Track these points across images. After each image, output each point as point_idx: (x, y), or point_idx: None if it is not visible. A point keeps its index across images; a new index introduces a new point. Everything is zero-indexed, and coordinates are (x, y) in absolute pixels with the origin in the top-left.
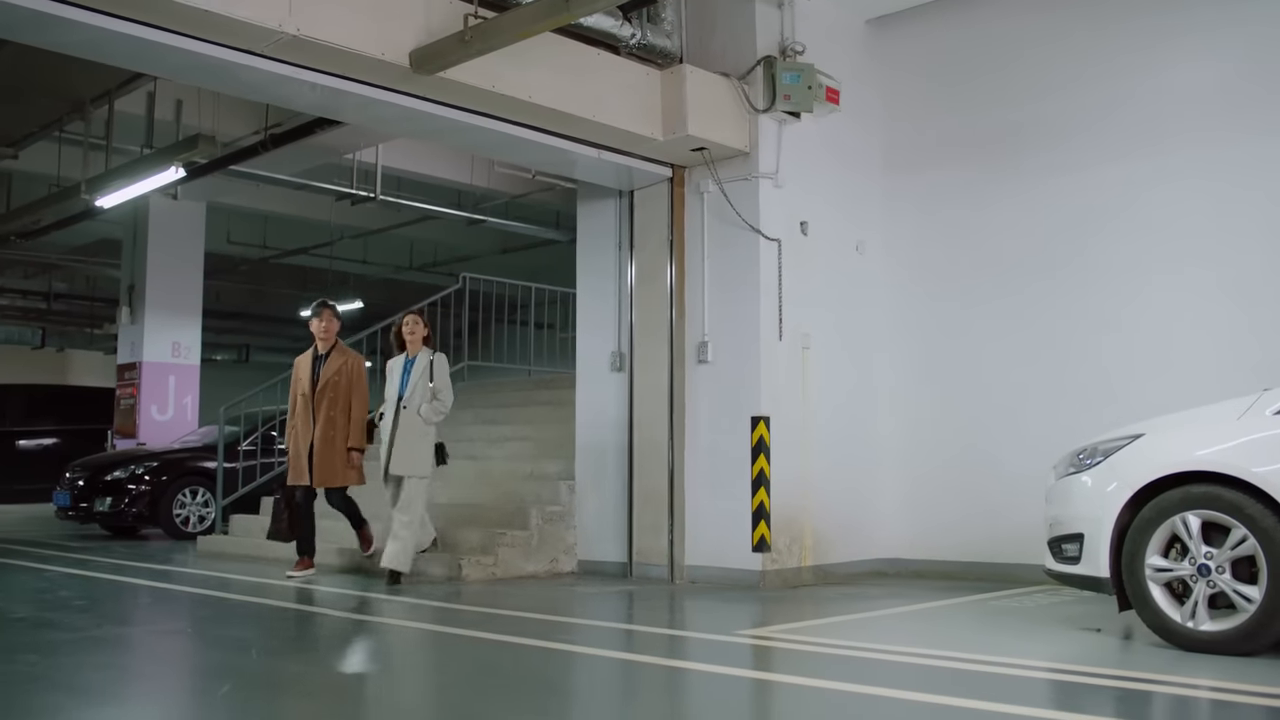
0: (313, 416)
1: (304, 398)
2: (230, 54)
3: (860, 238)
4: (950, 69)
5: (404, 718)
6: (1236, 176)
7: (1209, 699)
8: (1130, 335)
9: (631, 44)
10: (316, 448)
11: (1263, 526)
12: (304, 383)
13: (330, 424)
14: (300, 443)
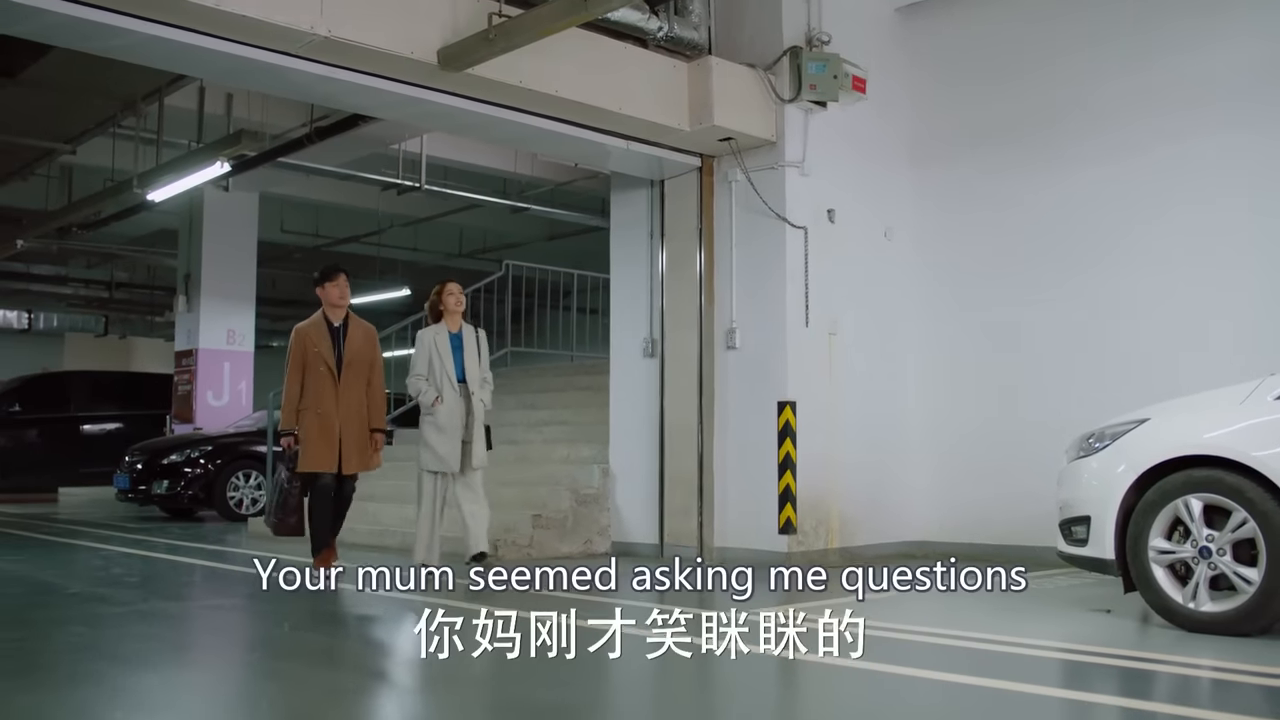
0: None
1: (328, 373)
2: (266, 55)
3: (889, 224)
4: (979, 58)
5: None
6: (1268, 163)
7: (1210, 678)
8: (1159, 320)
9: (659, 37)
10: (347, 429)
11: (1262, 510)
12: (326, 356)
13: (360, 403)
14: (328, 423)
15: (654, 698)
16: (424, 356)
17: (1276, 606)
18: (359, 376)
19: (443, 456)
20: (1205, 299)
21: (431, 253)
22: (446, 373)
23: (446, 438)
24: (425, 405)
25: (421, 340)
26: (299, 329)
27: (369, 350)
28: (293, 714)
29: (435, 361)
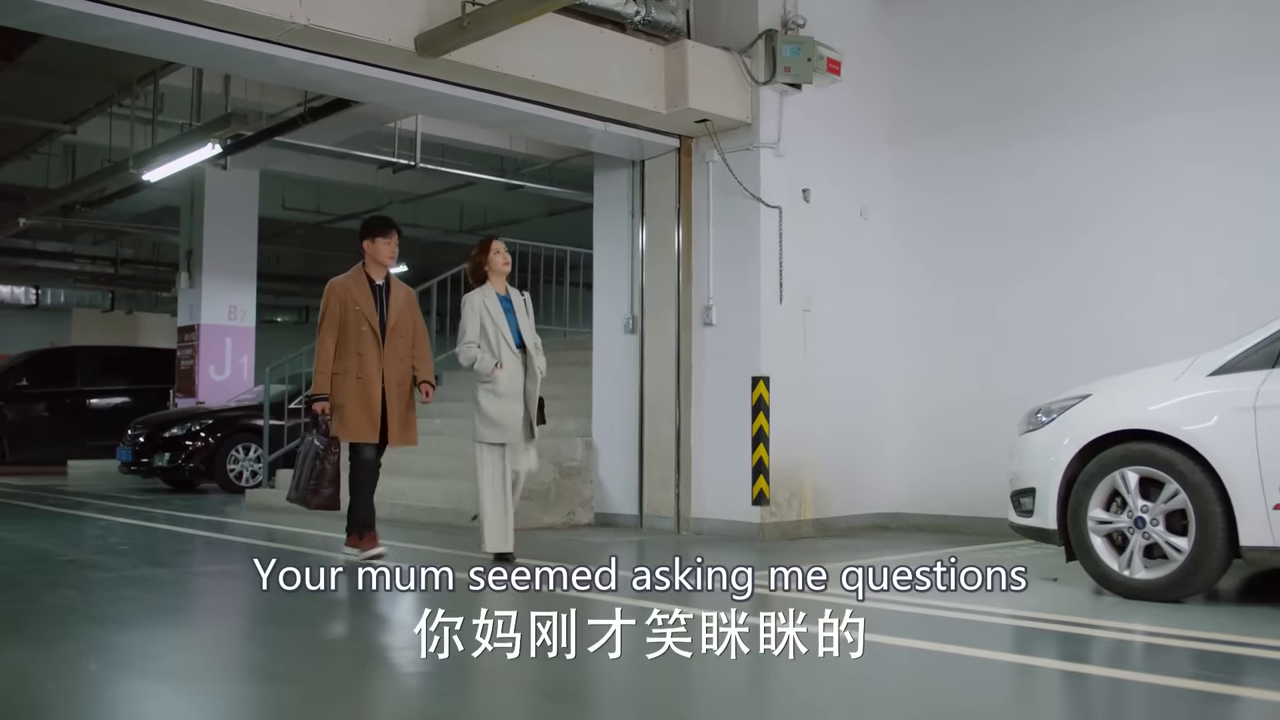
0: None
1: (370, 334)
2: (249, 43)
3: (865, 203)
4: (957, 40)
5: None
6: (1239, 138)
7: (1142, 642)
8: (1128, 297)
9: (636, 21)
10: (391, 398)
11: (1192, 482)
12: (368, 314)
13: (405, 371)
14: (370, 389)
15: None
16: (475, 321)
17: (1204, 574)
18: (403, 341)
19: (504, 426)
20: (1181, 274)
21: (432, 229)
22: (504, 336)
23: (507, 405)
24: (484, 373)
25: (470, 304)
26: (336, 283)
27: (411, 314)
28: (256, 669)
29: (488, 325)
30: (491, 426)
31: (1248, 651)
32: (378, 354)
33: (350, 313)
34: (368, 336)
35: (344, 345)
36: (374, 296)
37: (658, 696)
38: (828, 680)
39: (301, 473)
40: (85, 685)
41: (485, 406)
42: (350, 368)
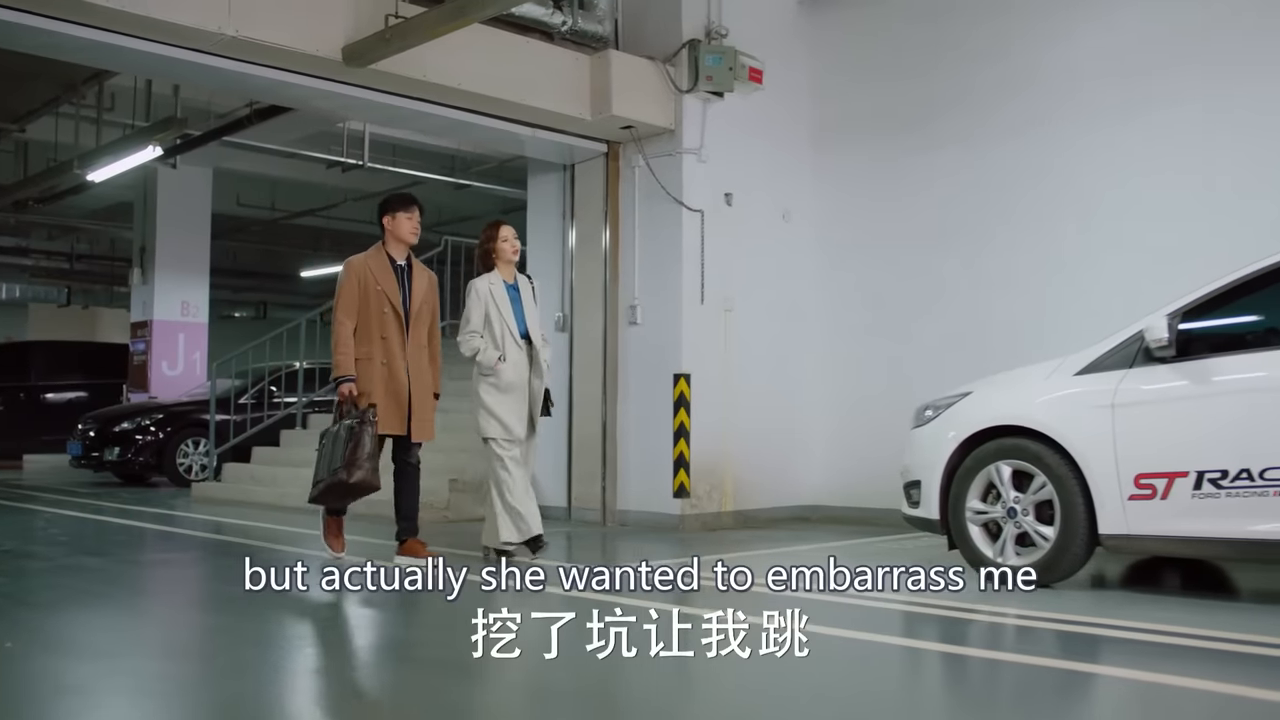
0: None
1: (394, 317)
2: (181, 52)
3: (788, 206)
4: (879, 47)
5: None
6: (1141, 143)
7: (1014, 625)
8: (1039, 292)
9: (563, 30)
10: (416, 387)
11: (1058, 474)
12: (392, 296)
13: (426, 361)
14: (397, 378)
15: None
16: (480, 309)
17: (1068, 560)
18: (425, 328)
19: (508, 422)
20: (1086, 271)
21: None
22: (508, 327)
23: (512, 400)
24: (487, 365)
25: (475, 291)
26: (355, 261)
27: (433, 299)
28: (163, 646)
29: (493, 315)
30: (496, 422)
31: (1106, 632)
32: (401, 339)
33: (372, 293)
34: (391, 320)
35: (365, 329)
36: (397, 277)
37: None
38: (739, 668)
39: (331, 457)
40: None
41: (487, 401)
42: (374, 353)
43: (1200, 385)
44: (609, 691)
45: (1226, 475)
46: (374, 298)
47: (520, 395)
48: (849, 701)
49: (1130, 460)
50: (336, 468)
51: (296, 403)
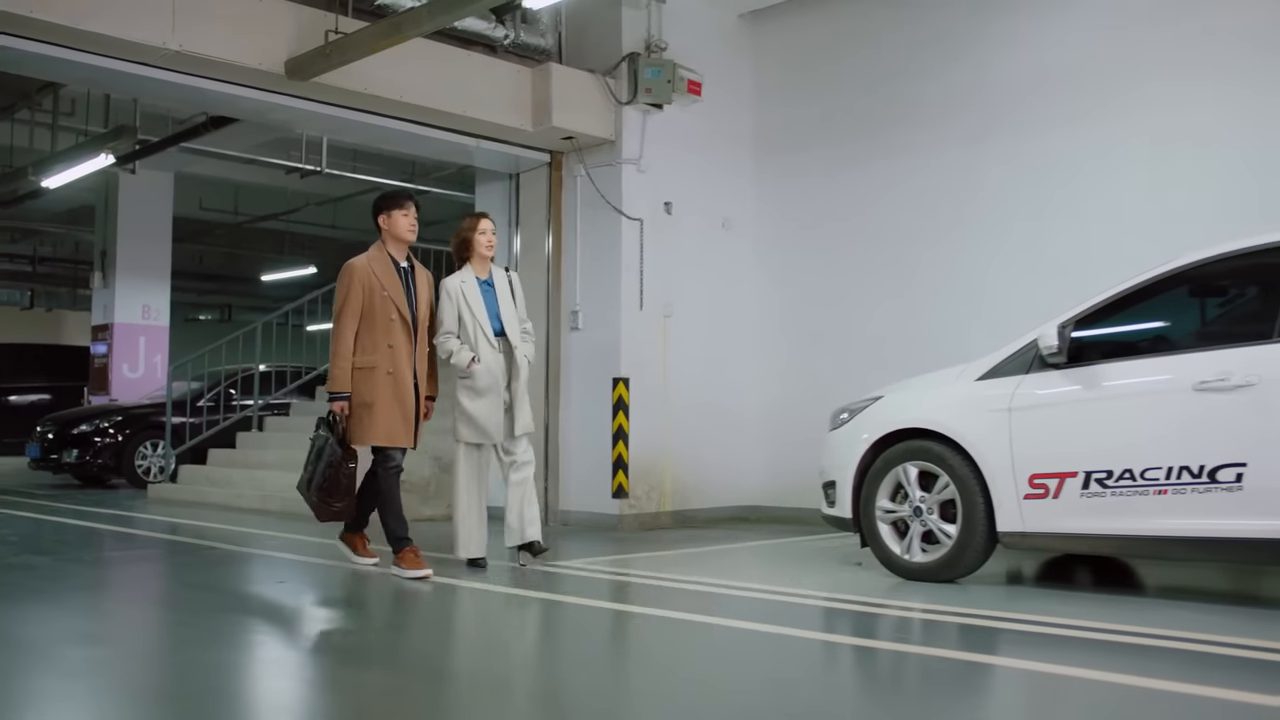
0: (413, 351)
1: (401, 323)
2: (128, 66)
3: (727, 215)
4: (816, 58)
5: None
6: (1074, 155)
7: (920, 618)
8: (969, 300)
9: (506, 44)
10: (421, 398)
11: (960, 475)
12: (398, 301)
13: (426, 367)
14: (404, 388)
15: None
16: (452, 309)
17: (969, 557)
18: (430, 333)
19: (483, 426)
20: (1012, 274)
21: (349, 229)
22: (481, 326)
23: (487, 403)
24: (460, 367)
25: (447, 290)
26: (356, 264)
27: (433, 301)
28: (86, 636)
29: (465, 314)
30: (470, 426)
31: (1006, 625)
32: (409, 347)
33: (377, 298)
34: (398, 327)
35: (370, 336)
36: (402, 280)
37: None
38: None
39: (314, 469)
40: None
41: (464, 404)
42: (379, 362)
43: (1088, 390)
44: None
45: (1111, 475)
46: (379, 303)
47: (496, 397)
48: (758, 690)
49: (1025, 461)
50: (314, 497)
51: (252, 406)
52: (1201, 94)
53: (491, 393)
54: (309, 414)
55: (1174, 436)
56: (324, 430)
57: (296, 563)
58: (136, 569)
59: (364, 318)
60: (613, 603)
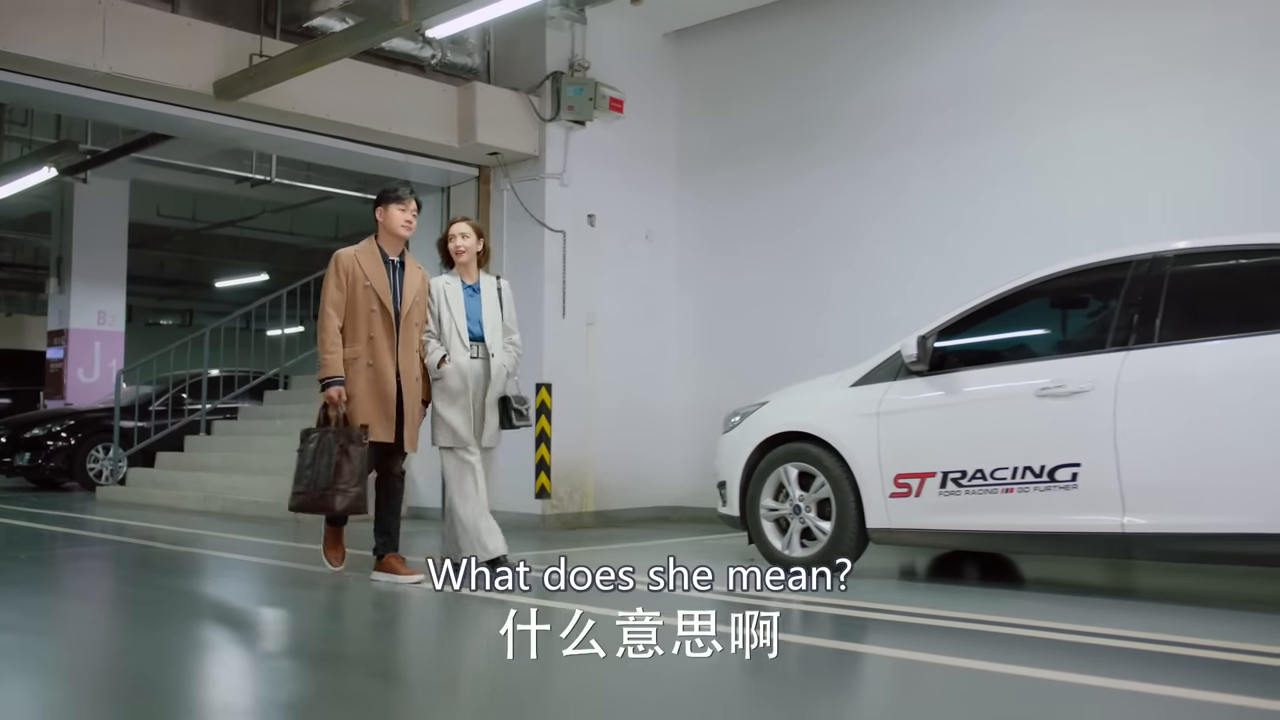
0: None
1: (381, 316)
2: (62, 86)
3: (651, 227)
4: (738, 75)
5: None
6: (973, 168)
7: (799, 610)
8: (880, 307)
9: (433, 63)
10: (408, 394)
11: (834, 475)
12: (381, 294)
13: (416, 364)
14: (384, 381)
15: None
16: (432, 310)
17: (841, 552)
18: (417, 329)
19: (456, 430)
20: (922, 293)
21: (308, 236)
22: (457, 329)
23: (460, 408)
24: (431, 366)
25: (431, 289)
26: (343, 255)
27: (425, 298)
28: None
29: (444, 315)
30: (444, 429)
31: (872, 615)
32: (390, 340)
33: (359, 289)
34: (379, 319)
35: (352, 327)
36: (388, 273)
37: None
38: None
39: (314, 471)
40: None
41: (439, 408)
42: (360, 354)
43: (946, 396)
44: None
45: (965, 475)
46: (361, 294)
47: (467, 403)
48: (637, 672)
49: (891, 462)
50: (323, 488)
51: (200, 410)
52: (1106, 106)
53: (463, 397)
54: (257, 418)
55: (1019, 439)
56: (314, 433)
57: (199, 555)
58: (66, 565)
59: (347, 309)
60: (513, 596)
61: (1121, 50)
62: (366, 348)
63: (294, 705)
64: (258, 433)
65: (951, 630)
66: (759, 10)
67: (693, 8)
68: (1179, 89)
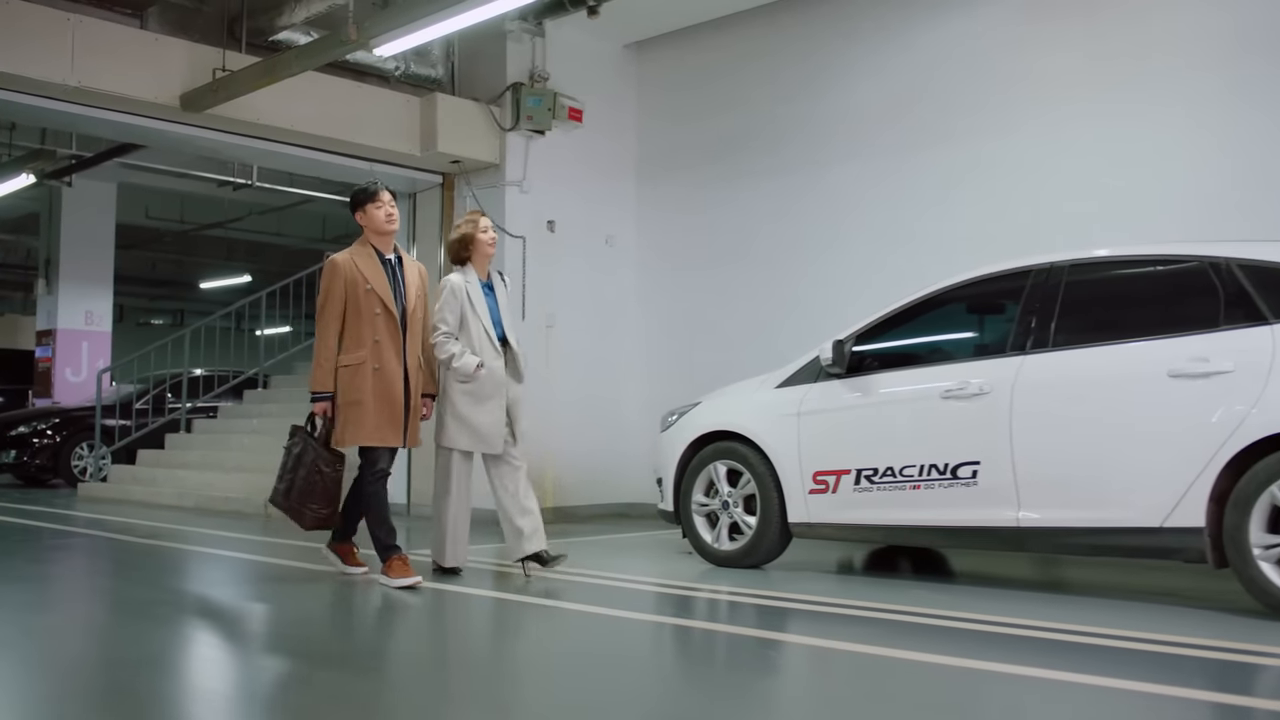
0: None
1: (386, 318)
2: (32, 99)
3: (611, 232)
4: (697, 85)
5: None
6: (921, 178)
7: (726, 600)
8: (819, 315)
9: (397, 75)
10: (414, 395)
11: (759, 472)
12: (383, 295)
13: (418, 362)
14: (392, 385)
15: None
16: (455, 309)
17: (766, 545)
18: (421, 327)
19: (485, 434)
20: (858, 295)
21: (295, 237)
22: (486, 331)
23: (488, 410)
24: (465, 373)
25: (452, 288)
26: (339, 260)
27: (423, 296)
28: None
29: (469, 316)
30: (468, 434)
31: (792, 606)
32: (397, 341)
33: (360, 293)
34: (384, 321)
35: (355, 332)
36: (387, 274)
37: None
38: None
39: (293, 477)
40: None
41: (464, 411)
42: (366, 359)
43: (861, 397)
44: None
45: (877, 472)
46: (363, 299)
47: (498, 404)
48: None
49: (810, 460)
50: (295, 501)
51: (180, 409)
52: (1047, 117)
53: (493, 400)
54: (236, 417)
55: (925, 438)
56: (300, 437)
57: (159, 548)
58: (29, 553)
59: (349, 313)
60: (470, 588)
61: (1061, 61)
62: (372, 352)
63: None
64: (235, 431)
65: (868, 620)
66: (714, 23)
67: (651, 20)
68: (1121, 96)
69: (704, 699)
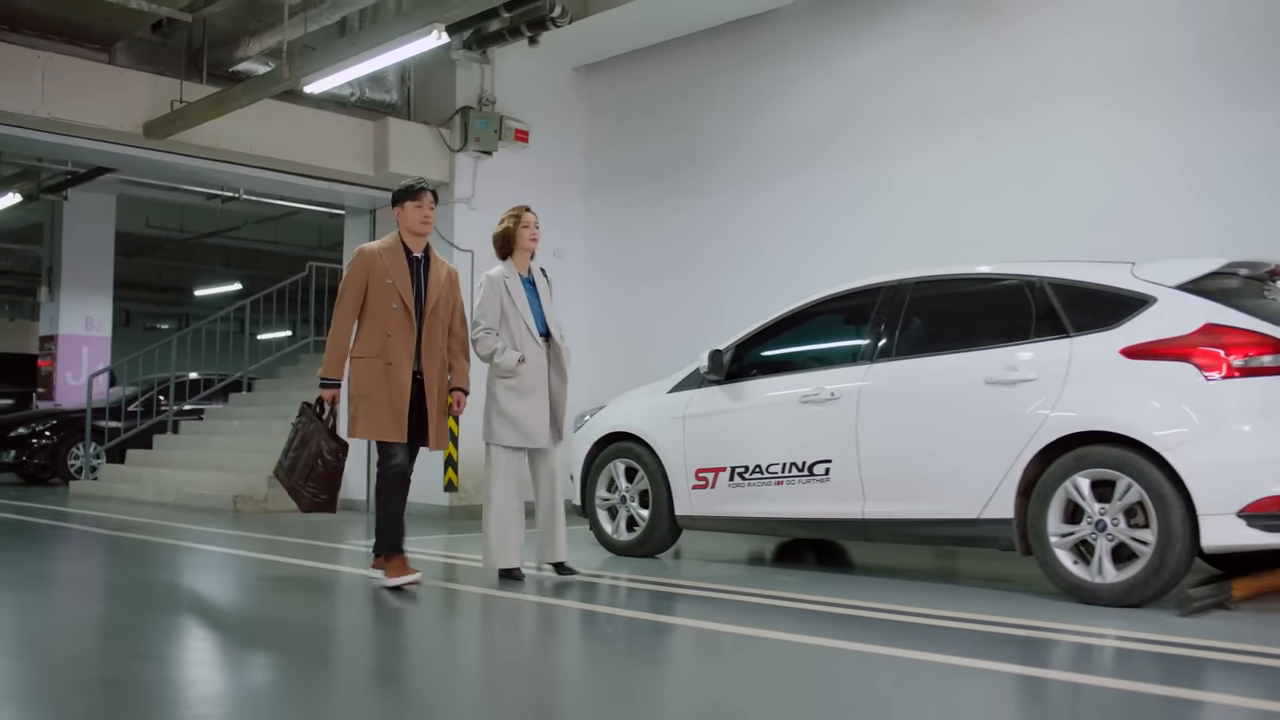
0: (419, 343)
1: (403, 313)
2: (5, 129)
3: (559, 244)
4: (643, 106)
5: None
6: (852, 192)
7: (626, 588)
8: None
9: (353, 101)
10: (431, 392)
11: (651, 469)
12: (402, 290)
13: (444, 361)
14: (401, 379)
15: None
16: (494, 304)
17: (657, 536)
18: (442, 327)
19: (527, 429)
20: (761, 309)
21: (292, 245)
22: (526, 325)
23: (530, 405)
24: (507, 368)
25: (491, 283)
26: (367, 250)
27: (453, 294)
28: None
29: (509, 311)
30: (512, 429)
31: (689, 592)
32: (410, 338)
33: (380, 286)
34: (399, 316)
35: (370, 324)
36: (410, 270)
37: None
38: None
39: (297, 456)
40: None
41: (506, 406)
42: (377, 351)
43: (735, 402)
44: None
45: (748, 470)
46: (382, 291)
47: (541, 398)
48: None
49: (693, 458)
50: (296, 480)
51: (168, 410)
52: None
53: (535, 394)
54: (219, 419)
55: (787, 439)
56: (307, 416)
57: (127, 539)
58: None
59: (368, 302)
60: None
61: (992, 77)
62: (383, 344)
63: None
64: (217, 432)
65: (743, 604)
66: (658, 48)
67: (598, 44)
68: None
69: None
